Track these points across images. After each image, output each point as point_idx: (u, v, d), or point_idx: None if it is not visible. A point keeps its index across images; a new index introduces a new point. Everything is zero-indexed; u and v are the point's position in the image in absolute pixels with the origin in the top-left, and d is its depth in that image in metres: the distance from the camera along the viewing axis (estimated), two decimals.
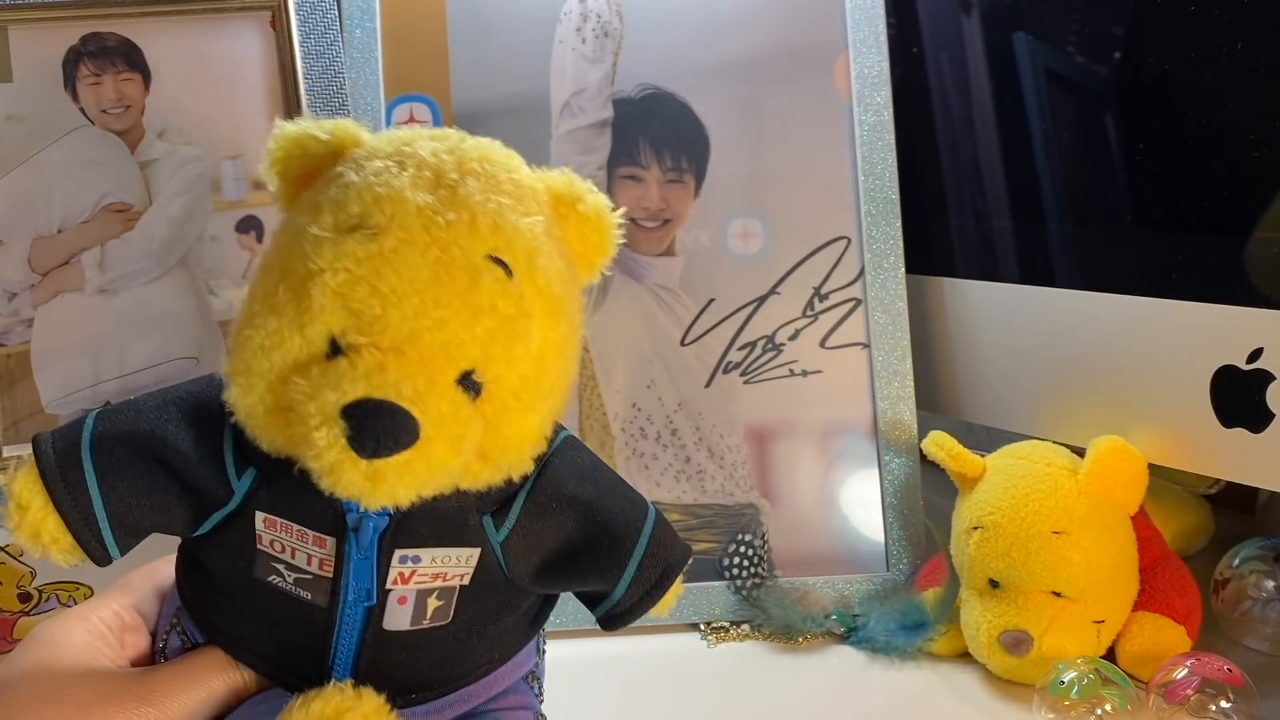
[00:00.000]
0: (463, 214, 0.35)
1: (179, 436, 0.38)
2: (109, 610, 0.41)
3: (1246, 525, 0.71)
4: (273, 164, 0.38)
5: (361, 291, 0.33)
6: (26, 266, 0.63)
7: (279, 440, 0.35)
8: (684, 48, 0.67)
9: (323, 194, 0.36)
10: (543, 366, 0.36)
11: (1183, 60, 0.57)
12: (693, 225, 0.67)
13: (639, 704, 0.56)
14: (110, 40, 0.63)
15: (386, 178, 0.35)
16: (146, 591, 0.43)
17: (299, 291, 0.34)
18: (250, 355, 0.35)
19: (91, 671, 0.38)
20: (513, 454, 0.37)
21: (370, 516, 0.36)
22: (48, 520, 0.37)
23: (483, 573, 0.38)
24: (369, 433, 0.32)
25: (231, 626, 0.40)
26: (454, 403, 0.34)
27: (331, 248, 0.34)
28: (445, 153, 0.36)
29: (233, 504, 0.38)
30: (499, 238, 0.35)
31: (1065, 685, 0.51)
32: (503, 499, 0.38)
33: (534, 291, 0.36)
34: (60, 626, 0.40)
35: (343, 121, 0.38)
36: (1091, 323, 0.61)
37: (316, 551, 0.37)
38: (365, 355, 0.33)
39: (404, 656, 0.39)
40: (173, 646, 0.41)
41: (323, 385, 0.33)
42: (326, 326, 0.34)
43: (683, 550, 0.41)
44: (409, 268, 0.34)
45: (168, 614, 0.42)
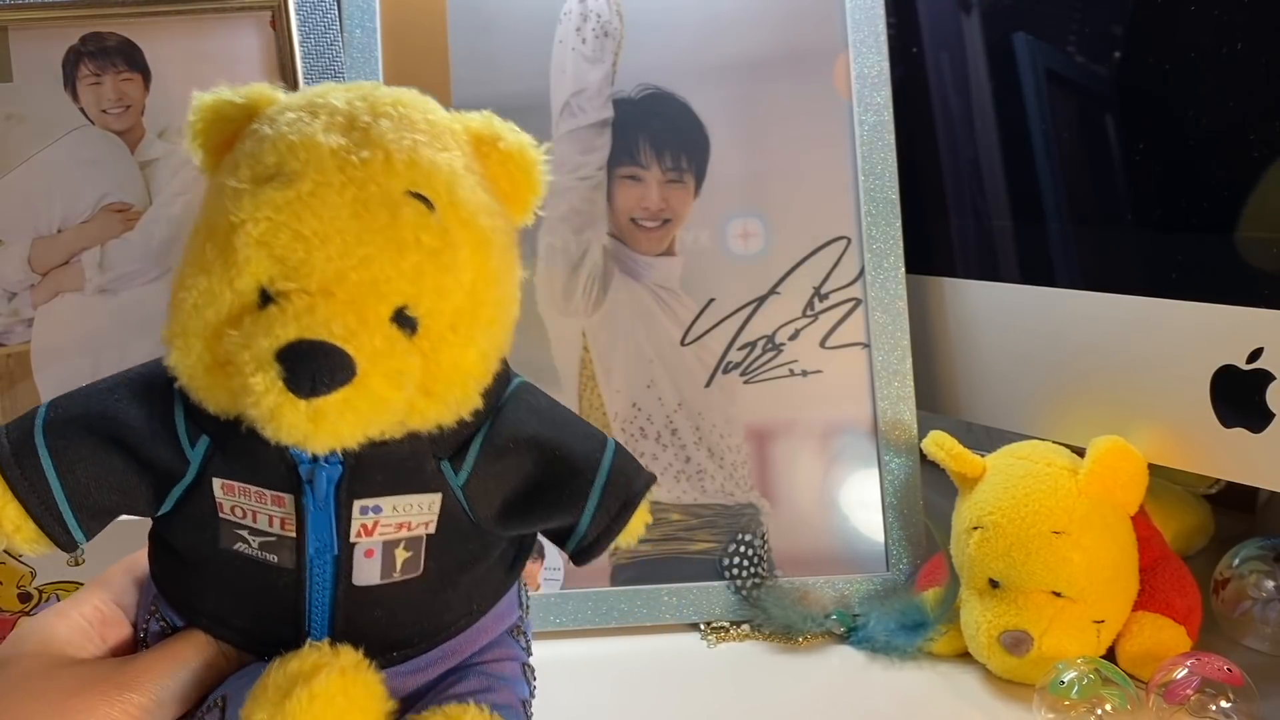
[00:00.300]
0: (376, 152, 0.35)
1: (130, 413, 0.38)
2: (89, 606, 0.41)
3: (1246, 525, 0.71)
4: (194, 136, 0.39)
5: (284, 237, 0.34)
6: (26, 266, 0.63)
7: (222, 398, 0.36)
8: (684, 48, 0.67)
9: (239, 151, 0.37)
10: (477, 299, 0.37)
11: (1183, 60, 0.57)
12: (693, 225, 0.67)
13: (639, 704, 0.56)
14: (110, 40, 0.63)
15: (299, 126, 0.36)
16: (125, 584, 0.43)
17: (224, 246, 0.35)
18: (185, 316, 0.35)
19: (74, 662, 0.39)
20: (456, 388, 0.37)
21: (322, 466, 0.37)
22: (7, 508, 0.37)
23: (448, 519, 0.39)
24: (304, 372, 0.33)
25: (205, 603, 0.40)
26: (388, 338, 0.34)
27: (250, 198, 0.34)
28: (358, 99, 0.37)
29: (190, 474, 0.38)
30: (415, 172, 0.36)
31: (1065, 685, 0.51)
32: (459, 443, 0.39)
33: (458, 223, 0.36)
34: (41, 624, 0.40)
35: (257, 84, 0.39)
36: (1091, 323, 0.61)
37: (276, 511, 0.37)
38: (294, 299, 0.34)
39: (379, 613, 0.39)
40: (153, 632, 0.41)
41: (255, 333, 0.34)
42: (254, 277, 0.34)
43: (645, 477, 0.42)
44: (328, 209, 0.34)
45: (145, 603, 0.42)
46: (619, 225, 0.66)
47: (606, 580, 0.64)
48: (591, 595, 0.63)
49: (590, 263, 0.66)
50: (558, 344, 0.66)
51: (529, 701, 0.42)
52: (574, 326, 0.66)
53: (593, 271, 0.66)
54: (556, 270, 0.66)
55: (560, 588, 0.63)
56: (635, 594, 0.63)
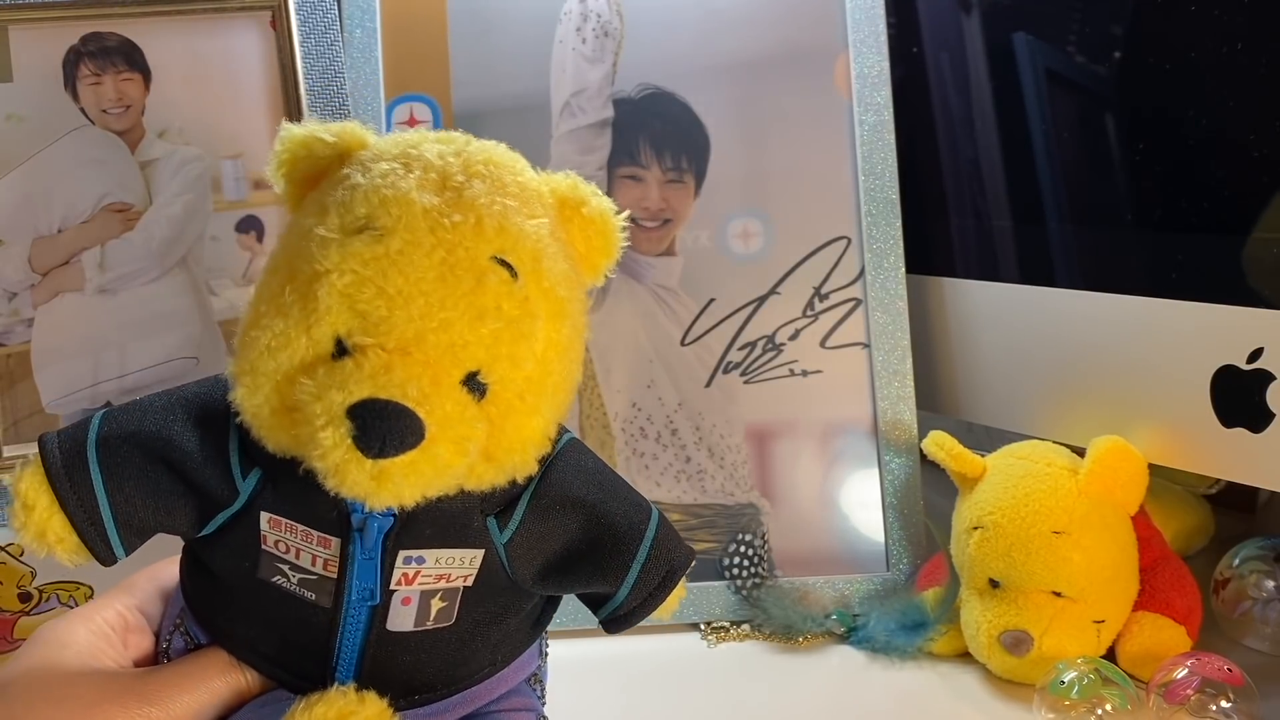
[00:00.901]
0: (468, 216, 0.35)
1: (184, 436, 0.38)
2: (113, 611, 0.41)
3: (1246, 525, 0.71)
4: (279, 166, 0.38)
5: (368, 292, 0.34)
6: (26, 266, 0.63)
7: (284, 441, 0.35)
8: (684, 48, 0.67)
9: (329, 196, 0.36)
10: (547, 368, 0.37)
11: (1183, 60, 0.57)
12: (693, 225, 0.67)
13: (639, 704, 0.56)
14: (110, 40, 0.63)
15: (393, 179, 0.35)
16: (150, 592, 0.43)
17: (305, 292, 0.34)
18: (256, 356, 0.35)
19: (94, 671, 0.38)
20: (517, 455, 0.37)
21: (375, 517, 0.36)
22: (53, 520, 0.37)
23: (486, 574, 0.38)
24: (374, 433, 0.32)
25: (235, 627, 0.40)
26: (459, 403, 0.34)
27: (338, 249, 0.34)
28: (451, 155, 0.36)
29: (238, 504, 0.38)
30: (504, 239, 0.35)
31: (1065, 685, 0.51)
32: (506, 500, 0.38)
33: (539, 293, 0.36)
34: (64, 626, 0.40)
35: (349, 124, 0.38)
36: (1091, 323, 0.61)
37: (321, 552, 0.37)
38: (371, 356, 0.33)
39: (407, 658, 0.39)
40: (176, 647, 0.41)
41: (329, 385, 0.33)
42: (333, 327, 0.34)
43: (686, 552, 0.42)
44: (415, 269, 0.34)
45: (171, 615, 0.42)
46: None
47: None
48: None
49: None
50: None
51: None
52: None
53: None
54: None
55: None
56: None
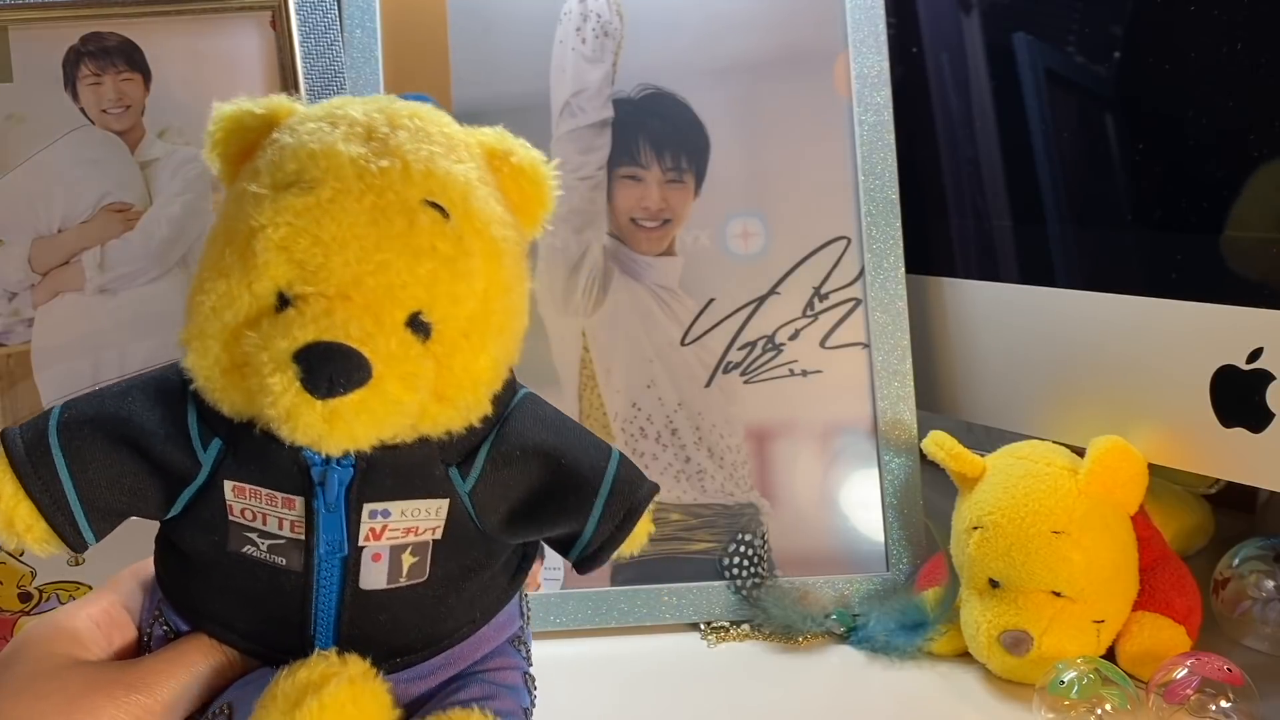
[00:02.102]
0: (395, 161, 0.36)
1: (144, 415, 0.38)
2: (97, 608, 0.41)
3: (1246, 525, 0.71)
4: (214, 145, 0.40)
5: (303, 242, 0.35)
6: (26, 266, 0.63)
7: (238, 399, 0.36)
8: (684, 48, 0.67)
9: (260, 159, 0.37)
10: (489, 306, 0.38)
11: (1183, 60, 0.57)
12: (693, 225, 0.67)
13: (639, 704, 0.56)
14: (110, 40, 0.63)
15: (319, 135, 0.37)
16: (132, 588, 0.43)
17: (244, 250, 0.35)
18: (203, 319, 0.36)
19: (80, 664, 0.39)
20: (468, 393, 0.38)
21: (335, 469, 0.37)
22: (19, 507, 0.38)
23: (454, 525, 0.39)
24: (321, 372, 0.33)
25: (211, 607, 0.40)
26: (403, 342, 0.35)
27: (271, 204, 0.35)
28: (376, 111, 0.38)
29: (201, 476, 0.38)
30: (432, 182, 0.36)
31: (1065, 685, 0.51)
32: (467, 450, 0.39)
33: (472, 232, 0.37)
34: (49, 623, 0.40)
35: (276, 96, 0.40)
36: (1091, 323, 0.61)
37: (286, 514, 0.38)
38: (312, 303, 0.35)
39: (384, 617, 0.39)
40: (157, 637, 0.41)
41: (273, 335, 0.34)
42: (273, 280, 0.35)
43: (649, 487, 0.42)
44: (347, 215, 0.35)
45: (150, 607, 0.42)
46: (619, 225, 0.66)
47: (606, 580, 0.64)
48: (591, 595, 0.63)
49: (590, 263, 0.66)
50: (558, 344, 0.66)
51: (530, 710, 0.43)
52: (574, 326, 0.66)
53: (593, 271, 0.66)
54: (556, 270, 0.66)
55: (560, 588, 0.63)
56: (635, 594, 0.63)
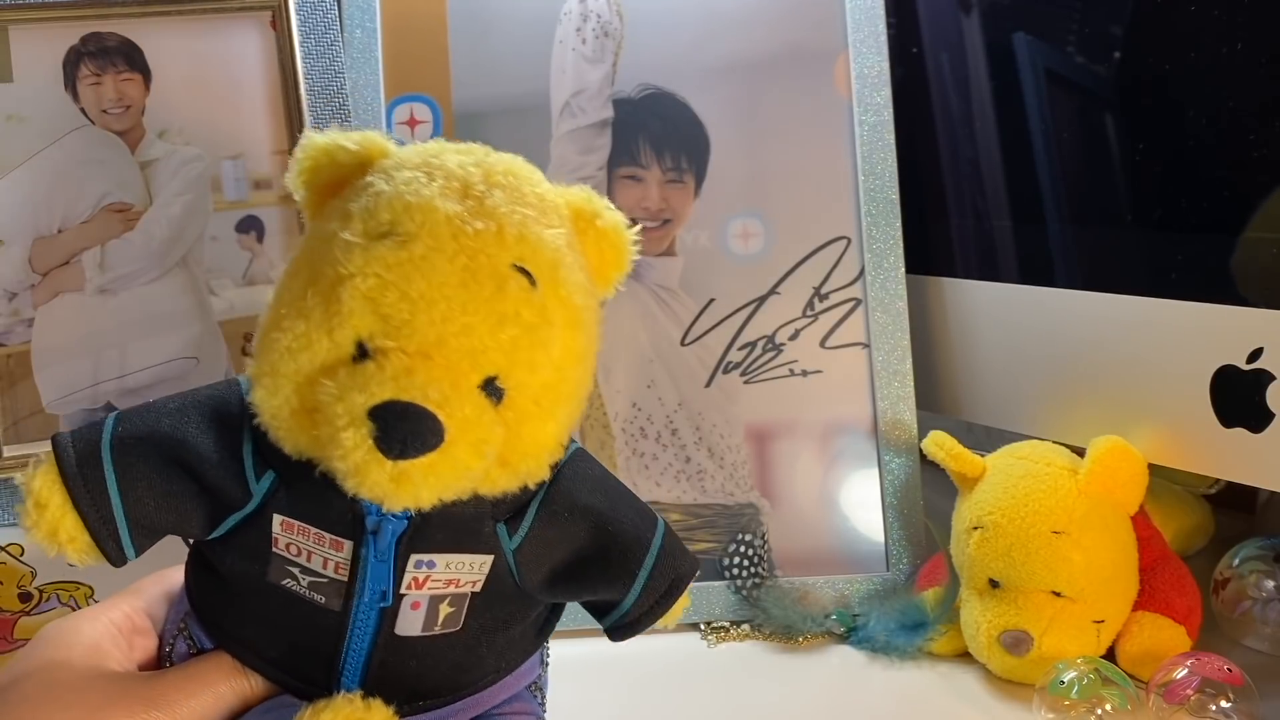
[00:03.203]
0: (490, 223, 0.36)
1: (198, 438, 0.38)
2: (119, 612, 0.41)
3: (1246, 525, 0.71)
4: (300, 173, 0.39)
5: (391, 296, 0.34)
6: (27, 266, 0.63)
7: (303, 442, 0.36)
8: (684, 48, 0.67)
9: (353, 202, 0.37)
10: (563, 375, 0.37)
11: (1183, 60, 0.57)
12: (693, 225, 0.67)
13: (640, 704, 0.56)
14: (110, 40, 0.63)
15: (416, 187, 0.36)
16: (156, 596, 0.43)
17: (328, 295, 0.35)
18: (277, 357, 0.35)
19: (100, 674, 0.38)
20: (532, 460, 0.38)
21: (390, 519, 0.37)
22: (66, 519, 0.37)
23: (494, 580, 0.39)
24: (396, 434, 0.33)
25: (241, 630, 0.40)
26: (478, 407, 0.35)
27: (362, 253, 0.35)
28: (472, 165, 0.37)
29: (250, 506, 0.38)
30: (524, 247, 0.36)
31: (1065, 685, 0.51)
32: (516, 507, 0.39)
33: (556, 301, 0.37)
34: (70, 626, 0.40)
35: (370, 133, 0.39)
36: (1091, 323, 0.61)
37: (333, 555, 0.37)
38: (393, 359, 0.34)
39: (414, 663, 0.39)
40: (179, 651, 0.41)
41: (350, 387, 0.34)
42: (355, 330, 0.35)
43: (691, 562, 0.42)
44: (438, 274, 0.34)
45: (174, 618, 0.42)
46: None
47: None
48: None
49: None
50: None
51: None
52: None
53: None
54: None
55: None
56: None
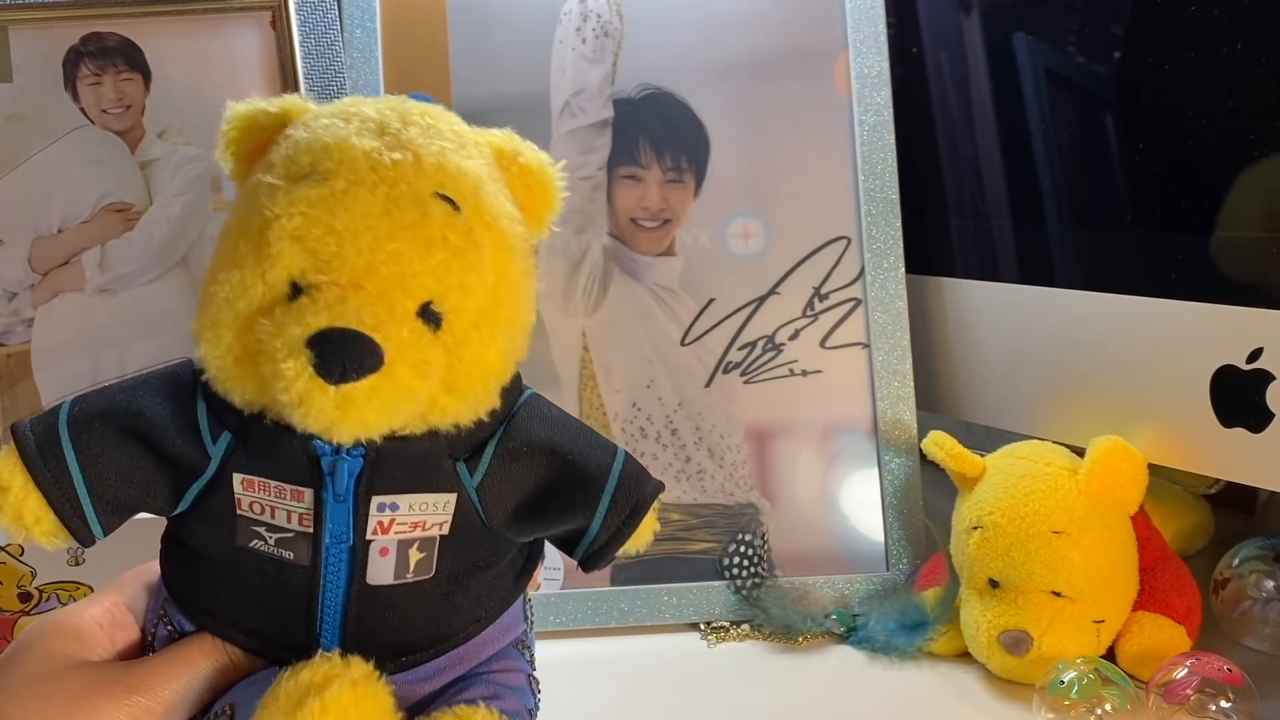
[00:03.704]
0: (407, 154, 0.37)
1: (153, 409, 0.39)
2: (100, 608, 0.41)
3: (1246, 525, 0.71)
4: (227, 145, 0.40)
5: (317, 231, 0.35)
6: (26, 266, 0.63)
7: (250, 389, 0.37)
8: (684, 48, 0.67)
9: (274, 153, 0.38)
10: (498, 299, 0.38)
11: (1183, 60, 0.57)
12: (693, 225, 0.67)
13: (639, 704, 0.56)
14: (110, 40, 0.63)
15: (333, 129, 0.37)
16: (136, 589, 0.43)
17: (258, 240, 0.36)
18: (216, 309, 0.37)
19: (81, 664, 0.39)
20: (477, 384, 0.38)
21: (345, 459, 0.37)
22: (29, 500, 0.38)
23: (461, 521, 0.39)
24: (334, 358, 0.34)
25: (217, 604, 0.40)
26: (415, 330, 0.36)
27: (285, 194, 0.36)
28: (388, 109, 0.39)
29: (210, 469, 0.38)
30: (443, 175, 0.37)
31: (1065, 685, 0.51)
32: (474, 445, 0.39)
33: (482, 225, 0.38)
34: (52, 622, 0.40)
35: (289, 96, 0.41)
36: (1091, 323, 0.61)
37: (295, 506, 0.38)
38: (326, 291, 0.35)
39: (391, 614, 0.39)
40: (161, 636, 0.41)
41: (287, 322, 0.35)
42: (286, 269, 0.36)
43: (654, 484, 0.43)
44: (360, 205, 0.36)
45: (154, 606, 0.42)
46: (619, 225, 0.66)
47: (606, 580, 0.64)
48: (591, 595, 0.63)
49: (590, 263, 0.66)
50: (558, 344, 0.66)
51: (534, 711, 0.43)
52: (574, 326, 0.66)
53: (593, 271, 0.66)
54: (556, 270, 0.66)
55: (560, 588, 0.63)
56: (635, 594, 0.63)
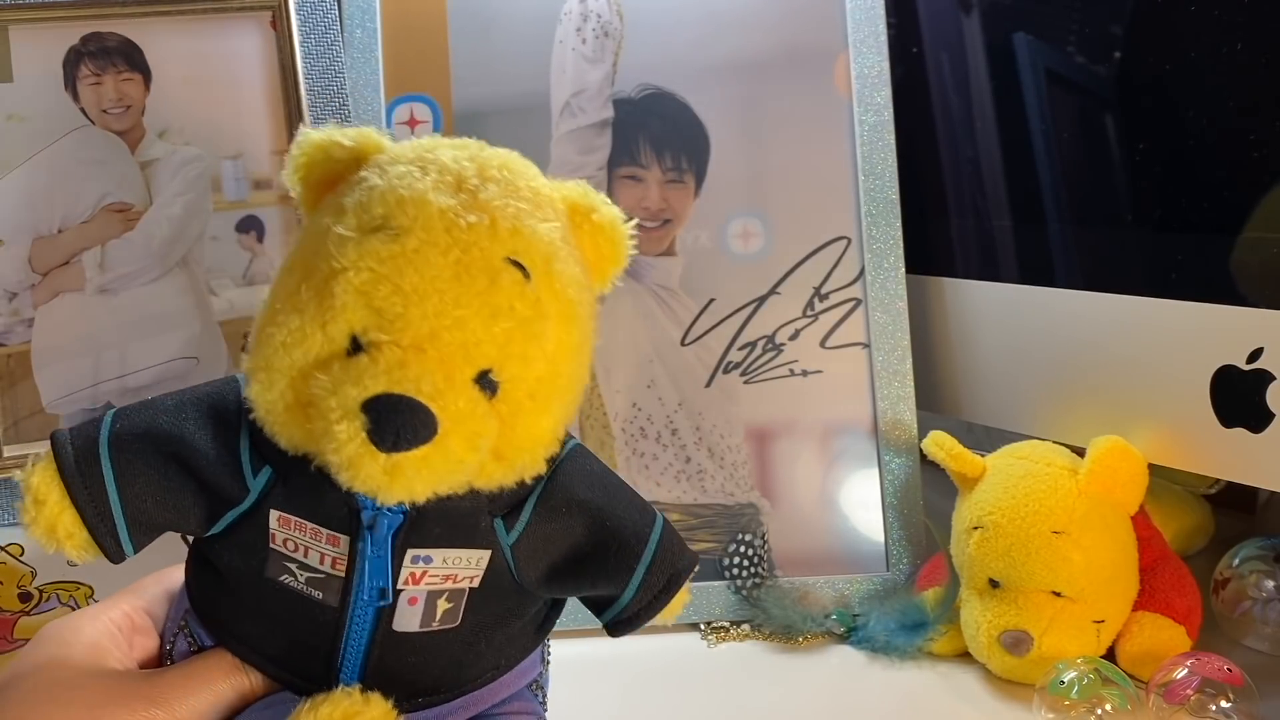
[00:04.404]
0: (483, 217, 0.36)
1: (196, 435, 0.38)
2: (119, 612, 0.41)
3: (1246, 525, 0.71)
4: (296, 169, 0.39)
5: (384, 290, 0.34)
6: (27, 266, 0.63)
7: (298, 436, 0.36)
8: (684, 48, 0.67)
9: (347, 197, 0.37)
10: (557, 369, 0.37)
11: (1183, 60, 0.57)
12: (693, 225, 0.67)
13: (639, 704, 0.56)
14: (110, 40, 0.63)
15: (410, 180, 0.36)
16: (157, 595, 0.43)
17: (322, 290, 0.35)
18: (272, 352, 0.36)
19: (100, 672, 0.38)
20: (527, 454, 0.38)
21: (385, 514, 0.37)
22: (64, 515, 0.37)
23: (492, 576, 0.39)
24: (389, 426, 0.33)
25: (240, 627, 0.40)
26: (471, 400, 0.35)
27: (355, 247, 0.35)
28: (466, 160, 0.37)
29: (247, 502, 0.38)
30: (518, 241, 0.36)
31: (1065, 685, 0.51)
32: (514, 502, 0.39)
33: (550, 295, 0.37)
34: (70, 625, 0.40)
35: (365, 129, 0.39)
36: (1091, 323, 0.61)
37: (330, 550, 0.37)
38: (386, 352, 0.34)
39: (413, 659, 0.39)
40: (179, 649, 0.41)
41: (344, 380, 0.34)
42: (348, 324, 0.35)
43: (690, 557, 0.42)
44: (431, 267, 0.34)
45: (175, 616, 0.42)
46: None
47: None
48: None
49: None
50: None
51: None
52: None
53: None
54: None
55: None
56: None
